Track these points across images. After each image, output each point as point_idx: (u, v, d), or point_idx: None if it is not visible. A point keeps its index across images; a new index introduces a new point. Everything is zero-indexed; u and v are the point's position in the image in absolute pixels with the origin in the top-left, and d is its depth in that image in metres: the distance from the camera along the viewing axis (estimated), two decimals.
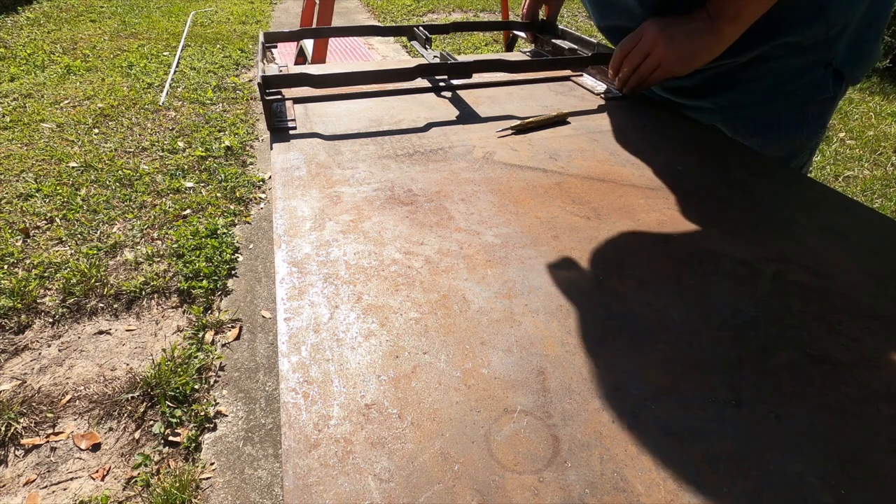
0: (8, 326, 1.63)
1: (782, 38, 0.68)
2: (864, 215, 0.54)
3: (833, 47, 0.70)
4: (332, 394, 0.34)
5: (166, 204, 2.24)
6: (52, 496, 1.20)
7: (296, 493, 0.29)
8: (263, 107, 0.69)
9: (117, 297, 1.76)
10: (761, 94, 0.74)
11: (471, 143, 0.67)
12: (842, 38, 0.69)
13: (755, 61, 0.72)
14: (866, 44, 0.72)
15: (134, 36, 4.72)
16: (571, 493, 0.29)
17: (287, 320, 0.40)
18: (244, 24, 5.42)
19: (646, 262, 0.47)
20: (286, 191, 0.56)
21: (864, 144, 2.86)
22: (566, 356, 0.37)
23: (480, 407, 0.34)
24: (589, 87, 0.85)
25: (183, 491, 1.19)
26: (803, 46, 0.69)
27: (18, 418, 1.35)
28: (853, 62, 0.72)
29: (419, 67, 0.76)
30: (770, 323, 0.40)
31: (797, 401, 0.34)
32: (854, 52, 0.71)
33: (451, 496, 0.29)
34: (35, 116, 2.98)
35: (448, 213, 0.53)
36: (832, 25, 0.67)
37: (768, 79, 0.73)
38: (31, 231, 2.04)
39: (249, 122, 3.13)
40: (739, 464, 0.31)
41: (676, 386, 0.35)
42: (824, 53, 0.70)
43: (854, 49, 0.71)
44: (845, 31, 0.69)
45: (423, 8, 6.21)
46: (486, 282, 0.44)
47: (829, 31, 0.68)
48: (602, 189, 0.58)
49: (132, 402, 1.42)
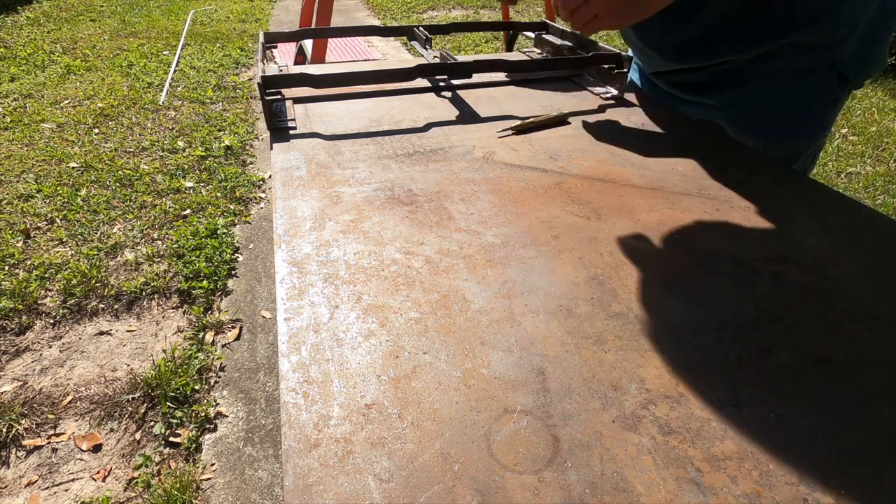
0: (9, 328, 1.63)
1: (790, 36, 0.68)
2: (865, 215, 0.54)
3: (840, 49, 0.69)
4: (332, 394, 0.34)
5: (166, 204, 2.24)
6: (54, 497, 1.20)
7: (296, 493, 0.29)
8: (263, 107, 0.69)
9: (118, 297, 1.76)
10: (766, 93, 0.74)
11: (471, 143, 0.67)
12: (849, 40, 0.69)
13: (761, 59, 0.72)
14: (873, 48, 0.72)
15: (134, 35, 4.72)
16: (571, 493, 0.29)
17: (287, 320, 0.40)
18: (244, 22, 5.42)
19: (646, 262, 0.47)
20: (286, 191, 0.56)
21: (866, 140, 2.86)
22: (566, 356, 0.37)
23: (480, 407, 0.34)
24: (589, 87, 0.85)
25: (183, 492, 1.19)
26: (811, 47, 0.69)
27: (20, 419, 1.35)
28: (858, 66, 0.72)
29: (419, 67, 0.76)
30: (770, 323, 0.40)
31: (797, 401, 0.34)
32: (860, 55, 0.71)
33: (451, 496, 0.29)
34: (35, 117, 2.98)
35: (448, 213, 0.53)
36: (841, 26, 0.67)
37: (774, 78, 0.73)
38: (31, 232, 2.04)
39: (249, 121, 3.13)
40: (739, 464, 0.31)
41: (676, 386, 0.35)
42: (831, 55, 0.70)
43: (860, 53, 0.71)
44: (853, 34, 0.69)
45: (423, 5, 6.21)
46: (486, 282, 0.44)
47: (838, 33, 0.68)
48: (602, 189, 0.58)
49: (133, 402, 1.42)
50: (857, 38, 0.69)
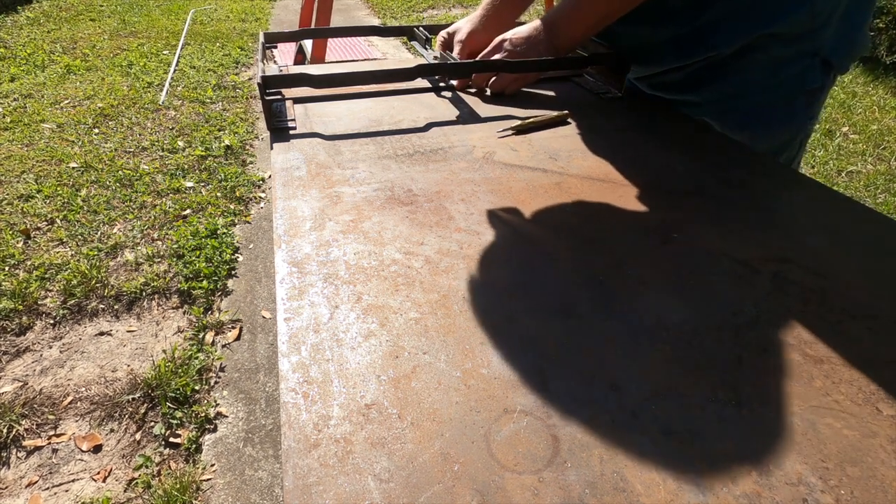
0: (9, 328, 1.63)
1: (767, 28, 0.68)
2: (864, 215, 0.54)
3: (820, 36, 0.69)
4: (332, 394, 0.34)
5: (166, 204, 2.24)
6: (54, 497, 1.20)
7: (296, 493, 0.29)
8: (263, 107, 0.69)
9: (118, 298, 1.76)
10: (749, 86, 0.74)
11: (471, 143, 0.67)
12: (828, 26, 0.69)
13: (741, 53, 0.72)
14: (854, 31, 0.71)
15: (133, 35, 4.72)
16: (571, 493, 0.29)
17: (287, 320, 0.40)
18: (244, 21, 5.42)
19: (646, 262, 0.47)
20: (286, 191, 0.56)
21: (867, 139, 2.85)
22: (566, 356, 0.37)
23: (480, 407, 0.34)
24: (589, 87, 0.85)
25: (184, 492, 1.19)
26: (789, 36, 0.69)
27: (20, 420, 1.35)
28: (841, 51, 0.71)
29: (419, 67, 0.76)
30: (770, 323, 0.40)
31: (797, 401, 0.34)
32: (841, 40, 0.71)
33: (451, 496, 0.29)
34: (35, 117, 2.98)
35: (448, 213, 0.53)
36: (818, 14, 0.67)
37: (756, 70, 0.73)
38: (31, 232, 2.04)
39: (249, 120, 3.13)
40: (739, 464, 0.31)
41: (676, 386, 0.35)
42: (811, 43, 0.70)
43: (841, 37, 0.71)
44: (831, 20, 0.69)
45: (423, 4, 6.20)
46: (487, 282, 0.44)
47: (815, 20, 0.68)
48: (602, 189, 0.58)
49: (133, 403, 1.42)
50: (835, 24, 0.69)
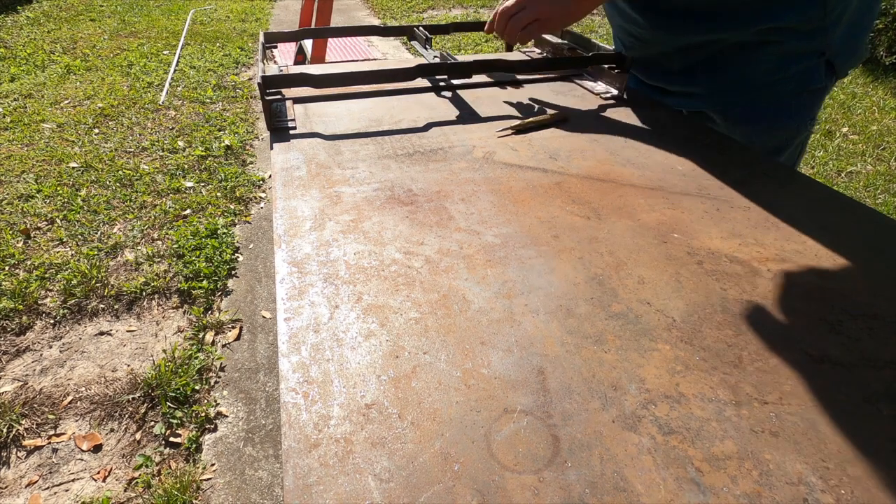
0: (9, 328, 1.63)
1: (778, 20, 0.69)
2: (864, 215, 0.54)
3: (828, 35, 0.70)
4: (332, 394, 0.34)
5: (166, 204, 2.24)
6: (54, 497, 1.20)
7: (296, 493, 0.29)
8: (263, 107, 0.69)
9: (118, 297, 1.76)
10: (753, 79, 0.74)
11: (471, 143, 0.67)
12: (838, 25, 0.70)
13: (750, 45, 0.72)
14: (857, 38, 0.73)
15: (133, 35, 4.72)
16: (571, 493, 0.29)
17: (287, 320, 0.40)
18: (244, 21, 5.42)
19: (646, 262, 0.47)
20: (286, 191, 0.56)
21: (867, 139, 2.85)
22: (566, 356, 0.37)
23: (480, 407, 0.34)
24: (589, 87, 0.85)
25: (184, 492, 1.19)
26: (800, 32, 0.70)
27: (20, 420, 1.35)
28: (845, 55, 0.72)
29: (419, 67, 0.76)
30: (770, 323, 0.40)
31: (797, 401, 0.34)
32: (846, 44, 0.72)
33: (451, 496, 0.29)
34: (35, 117, 2.98)
35: (448, 213, 0.53)
36: (829, 11, 0.68)
37: (762, 63, 0.73)
38: (31, 232, 2.04)
39: (249, 120, 3.13)
40: (739, 464, 0.31)
41: (676, 386, 0.35)
42: (820, 42, 0.70)
43: (846, 42, 0.72)
44: (841, 20, 0.69)
45: (423, 4, 6.20)
46: (486, 282, 0.44)
47: (826, 18, 0.68)
48: (602, 189, 0.58)
49: (133, 402, 1.42)
50: (844, 25, 0.70)
